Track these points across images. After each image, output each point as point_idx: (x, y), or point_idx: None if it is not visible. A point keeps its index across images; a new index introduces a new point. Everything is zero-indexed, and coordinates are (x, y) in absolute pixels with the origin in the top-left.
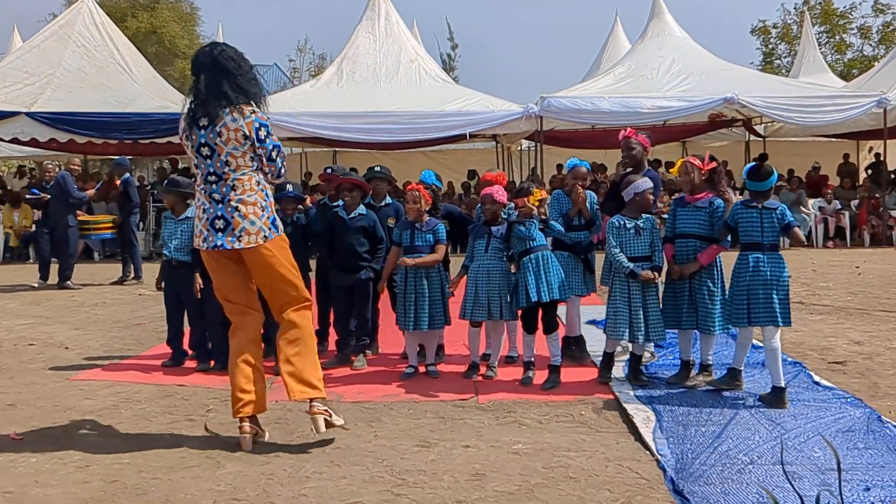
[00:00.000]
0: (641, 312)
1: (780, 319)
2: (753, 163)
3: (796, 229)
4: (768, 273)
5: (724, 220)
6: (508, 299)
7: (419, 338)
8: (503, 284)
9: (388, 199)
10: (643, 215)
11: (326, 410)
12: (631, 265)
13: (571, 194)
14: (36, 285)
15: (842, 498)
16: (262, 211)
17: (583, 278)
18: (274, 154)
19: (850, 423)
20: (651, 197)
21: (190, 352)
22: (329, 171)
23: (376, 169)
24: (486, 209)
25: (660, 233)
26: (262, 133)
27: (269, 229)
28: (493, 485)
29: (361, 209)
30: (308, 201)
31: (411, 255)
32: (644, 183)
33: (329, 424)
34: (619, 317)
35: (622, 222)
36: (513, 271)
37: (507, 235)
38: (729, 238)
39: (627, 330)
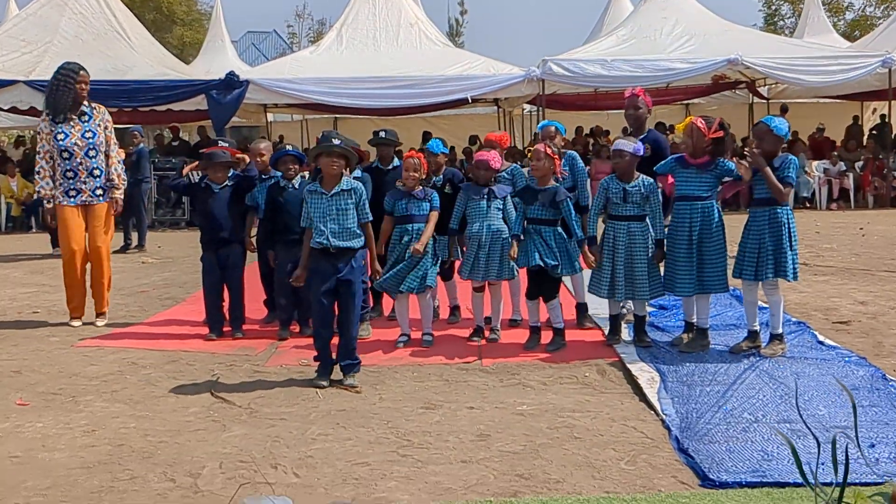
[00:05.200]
0: (623, 271)
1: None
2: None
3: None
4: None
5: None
6: (507, 258)
7: (409, 304)
8: (501, 244)
9: (396, 162)
10: (641, 178)
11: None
12: (580, 234)
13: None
14: (53, 252)
15: (857, 435)
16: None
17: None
18: None
19: (854, 381)
20: (625, 159)
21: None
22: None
23: (381, 134)
24: (480, 174)
25: (660, 199)
26: None
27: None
28: (497, 445)
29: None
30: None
31: (408, 224)
32: (622, 143)
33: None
34: (602, 273)
35: (608, 184)
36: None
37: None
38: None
39: (608, 287)
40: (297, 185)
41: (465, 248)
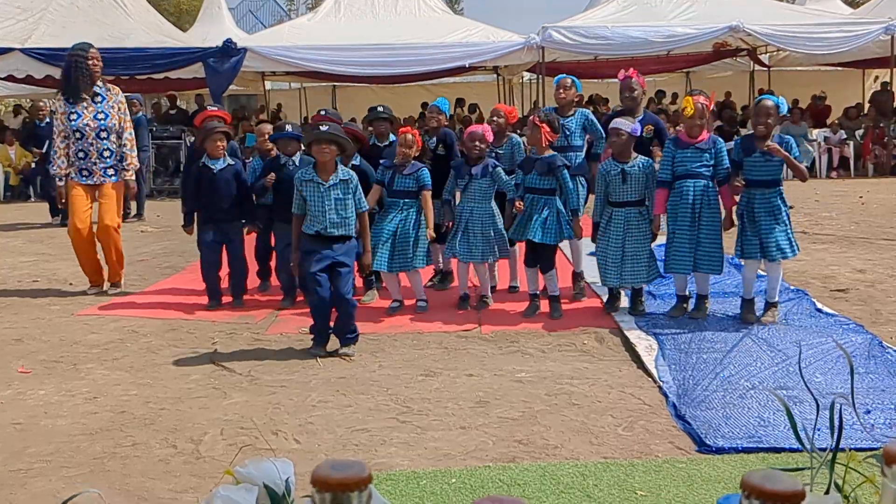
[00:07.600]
0: (622, 257)
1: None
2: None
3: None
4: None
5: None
6: (495, 238)
7: (397, 277)
8: (487, 225)
9: (392, 137)
10: (639, 158)
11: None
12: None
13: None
14: (52, 222)
15: (853, 401)
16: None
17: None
18: None
19: (851, 348)
20: (622, 138)
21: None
22: (323, 113)
23: (378, 109)
24: (474, 147)
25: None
26: None
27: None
28: (496, 411)
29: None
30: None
31: (392, 199)
32: (620, 122)
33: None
34: (607, 260)
35: (608, 168)
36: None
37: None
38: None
39: (616, 276)
40: (297, 162)
41: (450, 224)
